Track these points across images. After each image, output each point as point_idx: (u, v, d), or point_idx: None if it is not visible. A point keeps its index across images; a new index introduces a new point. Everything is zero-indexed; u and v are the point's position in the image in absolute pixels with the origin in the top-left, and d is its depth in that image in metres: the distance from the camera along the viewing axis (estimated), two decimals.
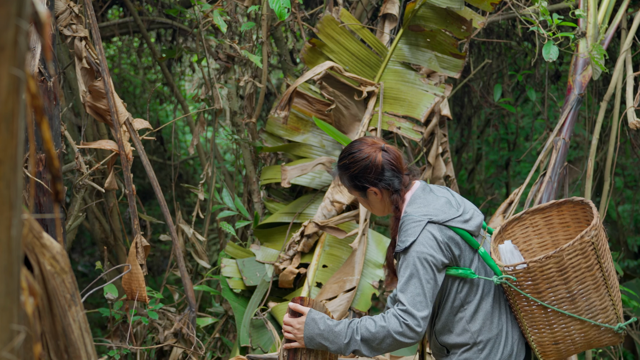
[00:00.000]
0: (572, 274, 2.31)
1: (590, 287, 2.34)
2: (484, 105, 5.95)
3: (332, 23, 3.85)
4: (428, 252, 2.29)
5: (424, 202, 2.38)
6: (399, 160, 2.41)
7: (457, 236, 2.36)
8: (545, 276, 2.31)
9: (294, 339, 2.35)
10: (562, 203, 2.60)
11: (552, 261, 2.29)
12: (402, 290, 2.29)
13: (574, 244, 2.28)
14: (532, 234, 2.64)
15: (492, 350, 2.40)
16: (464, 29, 3.84)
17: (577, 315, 2.36)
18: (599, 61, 3.62)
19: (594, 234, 2.29)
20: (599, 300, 2.36)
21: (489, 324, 2.41)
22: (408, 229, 2.32)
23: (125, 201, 3.53)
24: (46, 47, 1.00)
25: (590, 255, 2.30)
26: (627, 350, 5.32)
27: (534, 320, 2.40)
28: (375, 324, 2.27)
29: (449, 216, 2.35)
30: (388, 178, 2.40)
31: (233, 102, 4.56)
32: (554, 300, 2.35)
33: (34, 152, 2.83)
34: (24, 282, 1.09)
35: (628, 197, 7.20)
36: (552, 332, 2.40)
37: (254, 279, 3.73)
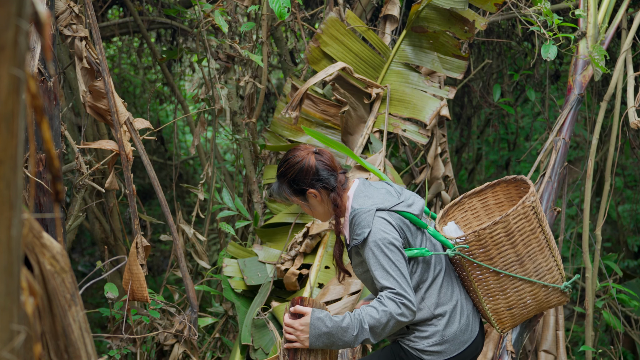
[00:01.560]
0: (519, 237, 2.47)
1: (535, 249, 2.51)
2: (484, 105, 5.95)
3: (337, 24, 3.85)
4: (390, 236, 2.38)
5: (367, 195, 2.48)
6: (332, 160, 2.53)
7: (406, 219, 2.47)
8: (495, 242, 2.46)
9: (296, 340, 2.35)
10: (495, 184, 2.78)
11: (500, 226, 2.44)
12: (384, 277, 2.36)
13: (517, 208, 2.44)
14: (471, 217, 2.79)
15: (449, 319, 2.51)
16: (466, 30, 3.84)
17: (527, 277, 2.53)
18: (600, 62, 3.62)
19: (533, 199, 2.47)
20: (544, 261, 2.55)
21: (444, 298, 2.52)
22: (361, 221, 2.41)
23: (125, 201, 3.53)
24: (46, 47, 1.00)
25: (533, 219, 2.48)
26: (627, 350, 5.32)
27: (488, 289, 2.55)
28: (377, 310, 2.33)
29: (393, 203, 2.45)
30: (324, 177, 2.49)
31: (233, 102, 4.56)
32: (504, 265, 2.50)
33: (34, 152, 2.83)
34: (24, 282, 1.09)
35: (628, 197, 7.20)
36: (505, 298, 2.56)
37: (255, 279, 3.73)
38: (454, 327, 2.51)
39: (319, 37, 3.83)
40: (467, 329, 2.53)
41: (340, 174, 2.53)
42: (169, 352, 3.62)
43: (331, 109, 3.94)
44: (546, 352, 3.61)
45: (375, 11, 4.74)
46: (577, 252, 5.93)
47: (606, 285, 4.29)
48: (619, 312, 4.31)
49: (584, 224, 3.89)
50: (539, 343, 3.64)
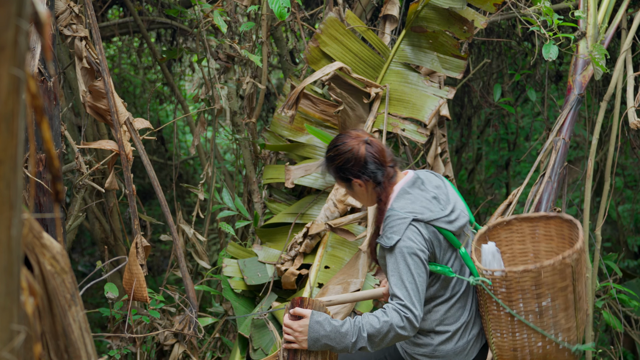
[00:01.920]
0: (546, 291, 2.35)
1: (560, 306, 2.39)
2: (484, 105, 5.95)
3: (336, 24, 3.85)
4: (417, 247, 2.34)
5: (410, 199, 2.41)
6: (382, 153, 2.45)
7: (440, 235, 2.40)
8: (520, 288, 2.35)
9: (294, 341, 2.35)
10: (551, 217, 2.64)
11: (530, 275, 2.33)
12: (398, 286, 2.32)
13: (555, 263, 2.31)
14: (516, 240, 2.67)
15: (446, 339, 2.48)
16: (465, 30, 3.84)
17: (541, 329, 2.40)
18: (600, 61, 3.62)
19: (575, 257, 2.33)
20: (565, 320, 2.41)
21: (450, 319, 2.48)
22: (393, 226, 2.36)
23: (125, 201, 3.53)
24: (46, 47, 1.00)
25: (568, 277, 2.35)
26: (627, 350, 5.32)
27: (499, 324, 2.45)
28: (378, 320, 2.31)
29: (434, 215, 2.38)
30: (371, 170, 2.44)
31: (233, 102, 4.56)
32: (522, 311, 2.39)
33: (34, 152, 2.83)
34: (24, 282, 1.09)
35: (628, 197, 7.20)
36: (513, 339, 2.45)
37: (256, 279, 3.73)
38: (449, 346, 2.49)
39: (318, 37, 3.83)
40: (462, 352, 2.50)
41: (389, 167, 2.46)
42: (169, 352, 3.62)
43: (330, 109, 3.94)
44: None
45: (375, 11, 4.74)
46: None
47: (606, 285, 4.29)
48: (619, 312, 4.31)
49: (584, 224, 3.89)
50: None
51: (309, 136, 4.01)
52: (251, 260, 3.83)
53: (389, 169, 2.46)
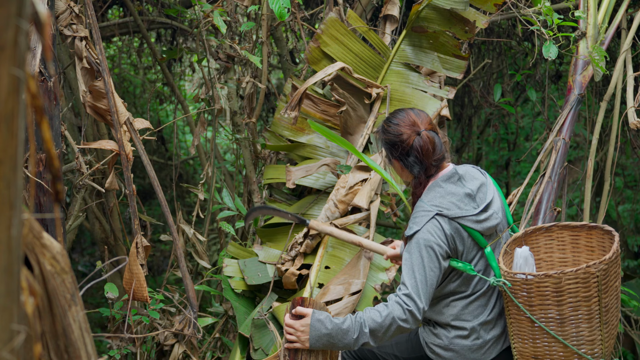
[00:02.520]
0: (568, 298, 2.30)
1: (583, 316, 2.33)
2: (484, 105, 5.95)
3: (336, 24, 3.84)
4: (434, 241, 2.32)
5: (440, 193, 2.39)
6: (427, 151, 2.40)
7: (465, 232, 2.38)
8: (541, 293, 2.31)
9: (296, 341, 2.35)
10: (593, 227, 2.58)
11: (551, 281, 2.28)
12: (408, 275, 2.31)
13: (578, 271, 2.26)
14: (556, 247, 2.62)
15: (461, 334, 2.46)
16: (467, 30, 3.83)
17: (562, 338, 2.35)
18: (600, 63, 3.62)
19: (602, 267, 2.27)
20: (589, 331, 2.35)
21: (467, 316, 2.46)
22: (417, 217, 2.36)
23: (125, 201, 3.53)
24: (46, 47, 1.00)
25: (592, 287, 2.28)
26: (627, 350, 5.32)
27: (520, 329, 2.41)
28: (380, 314, 2.30)
29: (460, 213, 2.36)
30: (410, 162, 2.43)
31: (233, 102, 4.56)
32: (542, 318, 2.34)
33: (34, 152, 2.83)
34: (24, 282, 1.09)
35: (628, 197, 7.20)
36: (534, 346, 2.40)
37: (256, 279, 3.72)
38: (465, 342, 2.46)
39: (319, 37, 3.83)
40: (479, 350, 2.47)
41: (432, 164, 2.43)
42: (169, 352, 3.62)
43: (331, 109, 3.94)
44: None
45: (375, 11, 4.74)
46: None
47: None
48: (619, 312, 4.30)
49: None
50: None
51: (310, 136, 4.01)
52: (251, 260, 3.83)
53: (430, 166, 2.43)
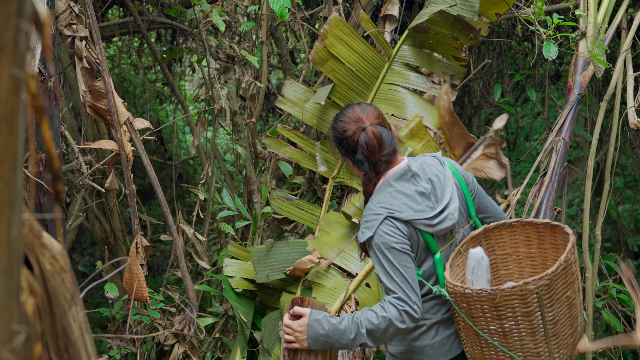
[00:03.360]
0: (507, 313, 2.24)
1: (526, 330, 2.26)
2: (484, 105, 5.95)
3: (340, 24, 3.81)
4: (393, 240, 2.28)
5: (391, 193, 2.34)
6: (373, 149, 2.33)
7: (417, 234, 2.34)
8: (480, 307, 2.26)
9: (295, 341, 2.35)
10: (555, 226, 2.50)
11: (488, 297, 2.23)
12: (388, 280, 2.29)
13: (514, 288, 2.19)
14: (522, 242, 2.57)
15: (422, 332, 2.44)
16: (471, 37, 3.81)
17: (508, 350, 2.30)
18: (601, 58, 3.62)
19: (543, 283, 2.18)
20: (534, 344, 2.29)
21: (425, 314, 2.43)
22: (367, 221, 2.32)
23: (125, 201, 3.53)
24: (46, 47, 1.00)
25: (532, 303, 2.21)
26: (627, 350, 5.31)
27: (467, 336, 2.39)
28: (376, 316, 2.29)
29: (413, 216, 2.31)
30: (358, 158, 2.37)
31: (233, 102, 4.56)
32: (485, 329, 2.29)
33: (34, 152, 2.83)
34: (24, 282, 1.09)
35: (628, 197, 7.20)
36: (482, 353, 2.37)
37: (263, 279, 3.66)
38: (426, 341, 2.45)
39: (325, 37, 3.79)
40: (442, 347, 2.46)
41: (380, 161, 2.36)
42: (169, 352, 3.63)
43: None
44: None
45: (375, 11, 4.74)
46: (577, 252, 5.93)
47: (606, 285, 4.29)
48: (619, 312, 4.31)
49: (584, 224, 3.89)
50: None
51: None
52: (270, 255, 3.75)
53: (379, 162, 2.36)
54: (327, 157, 3.96)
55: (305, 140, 3.98)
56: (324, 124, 3.90)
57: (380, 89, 3.98)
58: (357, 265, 3.62)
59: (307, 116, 3.88)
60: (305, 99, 3.89)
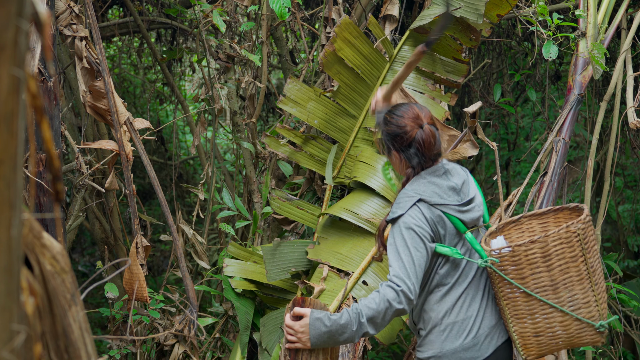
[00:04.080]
0: (557, 262, 2.34)
1: (574, 278, 2.36)
2: (484, 105, 5.95)
3: (350, 26, 3.79)
4: (414, 222, 2.37)
5: (423, 183, 2.46)
6: (429, 145, 2.47)
7: (446, 218, 2.44)
8: (529, 261, 2.34)
9: (297, 341, 2.36)
10: (559, 209, 2.62)
11: (537, 246, 2.32)
12: (394, 257, 2.36)
13: (560, 231, 2.31)
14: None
15: (452, 333, 2.46)
16: (472, 38, 3.80)
17: (559, 305, 2.37)
18: (600, 60, 3.62)
19: (580, 226, 2.33)
20: (582, 293, 2.37)
21: (456, 308, 2.47)
22: (400, 202, 2.42)
23: (125, 201, 3.53)
24: (46, 47, 1.00)
25: (576, 247, 2.33)
26: (627, 350, 5.32)
27: (516, 309, 2.41)
28: (374, 300, 2.32)
29: (442, 201, 2.43)
30: (411, 154, 2.48)
31: (233, 102, 4.57)
32: (536, 288, 2.36)
33: (34, 152, 2.83)
34: (24, 282, 1.09)
35: (628, 197, 7.21)
36: (533, 323, 2.41)
37: (272, 278, 3.65)
38: (456, 343, 2.45)
39: (335, 40, 3.77)
40: (473, 347, 2.46)
41: (430, 159, 2.49)
42: (169, 352, 3.63)
43: None
44: None
45: (375, 11, 4.74)
46: None
47: (606, 285, 4.29)
48: (619, 312, 4.31)
49: None
50: None
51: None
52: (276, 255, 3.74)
53: (429, 159, 2.49)
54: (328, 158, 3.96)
55: (309, 142, 3.95)
56: (326, 124, 3.90)
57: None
58: (354, 265, 3.62)
59: (309, 117, 3.86)
60: (307, 98, 3.87)
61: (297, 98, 3.86)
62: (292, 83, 3.87)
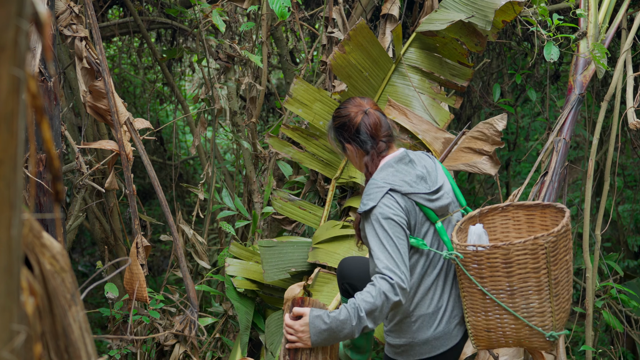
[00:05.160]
0: (517, 270, 2.35)
1: (532, 287, 2.37)
2: (484, 105, 5.95)
3: (364, 30, 3.76)
4: (392, 212, 2.38)
5: (392, 172, 2.48)
6: (376, 126, 2.54)
7: (417, 208, 2.45)
8: (491, 264, 2.36)
9: (298, 341, 2.36)
10: (546, 206, 2.63)
11: (500, 252, 2.34)
12: (380, 250, 2.35)
13: (526, 242, 2.32)
14: (512, 227, 2.67)
15: (423, 324, 2.48)
16: (477, 43, 3.79)
17: (513, 310, 2.40)
18: (601, 60, 3.61)
19: (550, 239, 2.32)
20: (539, 303, 2.39)
21: (427, 300, 2.49)
22: (370, 193, 2.43)
23: (125, 201, 3.53)
24: (46, 47, 1.00)
25: (540, 258, 2.33)
26: (627, 350, 5.32)
27: (473, 303, 2.46)
28: (371, 294, 2.31)
29: (413, 190, 2.44)
30: (361, 139, 2.54)
31: (233, 102, 4.56)
32: (493, 290, 2.39)
33: (34, 152, 2.83)
34: (24, 282, 1.09)
35: (628, 197, 7.20)
36: (486, 319, 2.45)
37: (270, 278, 3.65)
38: (428, 333, 2.49)
39: (346, 43, 3.75)
40: (444, 335, 2.50)
41: (382, 141, 2.54)
42: (169, 352, 3.63)
43: None
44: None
45: (375, 11, 4.74)
46: (578, 252, 5.93)
47: (606, 285, 4.29)
48: (619, 312, 4.31)
49: (584, 223, 3.89)
50: None
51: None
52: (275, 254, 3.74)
53: (380, 142, 2.54)
54: (331, 159, 3.95)
55: (312, 142, 3.93)
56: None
57: (386, 90, 3.97)
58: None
59: (315, 118, 3.85)
60: (313, 99, 3.86)
61: (303, 99, 3.84)
62: (299, 83, 3.84)
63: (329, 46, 4.15)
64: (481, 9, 3.60)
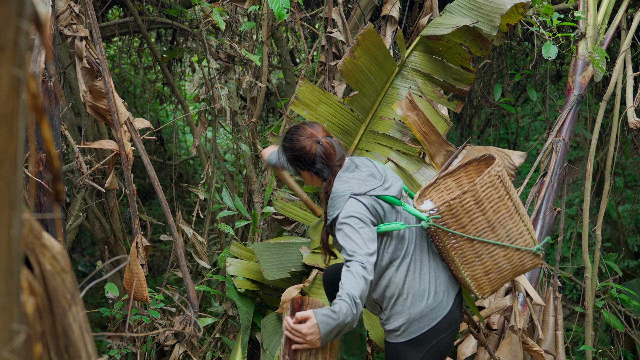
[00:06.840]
0: (488, 204, 2.58)
1: (505, 214, 2.61)
2: (485, 105, 5.95)
3: (372, 35, 3.75)
4: (356, 210, 2.54)
5: (345, 180, 2.64)
6: (330, 155, 2.67)
7: (379, 200, 2.62)
8: (465, 210, 2.57)
9: (305, 343, 2.36)
10: (467, 163, 2.87)
11: (469, 195, 2.56)
12: (346, 243, 2.49)
13: (484, 177, 2.56)
14: (447, 196, 2.86)
15: (415, 298, 2.64)
16: (482, 48, 3.78)
17: (499, 242, 2.62)
18: (600, 63, 3.62)
19: (498, 169, 2.59)
20: (515, 226, 2.63)
21: (413, 276, 2.66)
22: (334, 204, 2.60)
23: (125, 201, 3.54)
24: (46, 47, 1.00)
25: (499, 187, 2.59)
26: (627, 350, 5.32)
27: (464, 256, 2.64)
28: (353, 279, 2.42)
29: (370, 187, 2.61)
30: (318, 168, 2.68)
31: (233, 102, 4.57)
32: (477, 232, 2.60)
33: (35, 152, 2.83)
34: (24, 282, 1.09)
35: (628, 197, 7.21)
36: (482, 264, 2.64)
37: (270, 276, 3.65)
38: (421, 305, 2.63)
39: (356, 48, 3.74)
40: (436, 306, 2.65)
41: (336, 166, 2.69)
42: (169, 352, 3.63)
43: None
44: (546, 352, 3.61)
45: (375, 11, 4.74)
46: (578, 252, 5.94)
47: (606, 285, 4.29)
48: (619, 312, 4.31)
49: (584, 223, 3.89)
50: (539, 343, 3.64)
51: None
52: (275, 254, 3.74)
53: (335, 167, 2.69)
54: None
55: None
56: (333, 127, 3.88)
57: (388, 93, 3.96)
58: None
59: (319, 120, 3.84)
60: (318, 100, 3.85)
61: (308, 100, 3.83)
62: (304, 85, 3.83)
63: (329, 47, 4.15)
64: (487, 14, 3.59)
